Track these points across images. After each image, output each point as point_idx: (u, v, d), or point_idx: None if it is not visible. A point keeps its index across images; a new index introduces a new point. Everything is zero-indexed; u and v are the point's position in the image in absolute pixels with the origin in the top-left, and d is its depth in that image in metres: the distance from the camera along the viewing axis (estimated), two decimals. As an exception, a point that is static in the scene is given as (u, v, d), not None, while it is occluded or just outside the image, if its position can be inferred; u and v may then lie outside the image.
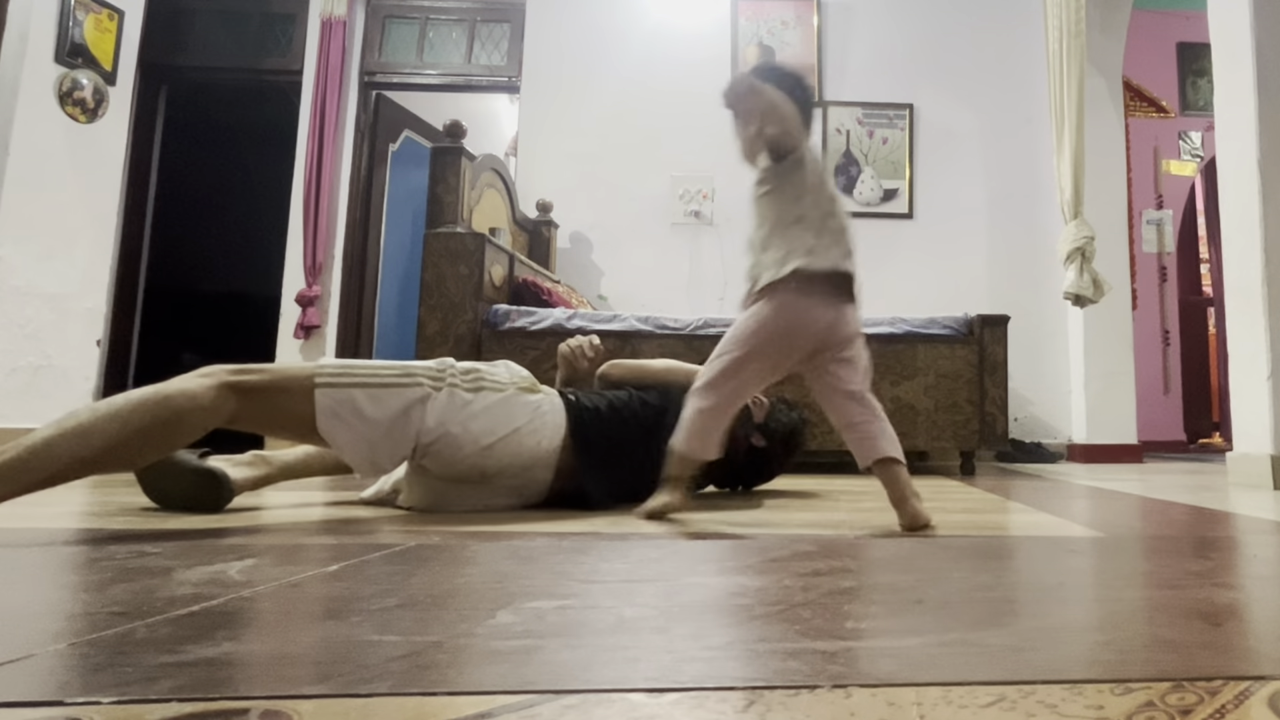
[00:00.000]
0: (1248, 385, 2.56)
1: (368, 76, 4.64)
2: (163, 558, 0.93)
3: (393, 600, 0.73)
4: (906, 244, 4.49)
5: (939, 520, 1.57)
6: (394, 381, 1.42)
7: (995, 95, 4.64)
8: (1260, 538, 1.32)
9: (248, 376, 1.33)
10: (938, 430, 3.16)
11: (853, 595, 0.79)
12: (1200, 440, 5.77)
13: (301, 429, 1.39)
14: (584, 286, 4.35)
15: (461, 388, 1.48)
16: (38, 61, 3.42)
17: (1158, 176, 5.68)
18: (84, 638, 0.59)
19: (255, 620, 0.70)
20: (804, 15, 4.69)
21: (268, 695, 0.47)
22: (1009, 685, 0.50)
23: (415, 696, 0.47)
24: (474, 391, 1.49)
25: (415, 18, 4.71)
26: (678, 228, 4.58)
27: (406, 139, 4.83)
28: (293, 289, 4.34)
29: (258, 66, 4.62)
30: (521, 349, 3.03)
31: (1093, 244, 3.69)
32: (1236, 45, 2.66)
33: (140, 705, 0.45)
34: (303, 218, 4.36)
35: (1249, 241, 2.57)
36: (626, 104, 4.60)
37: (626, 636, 0.62)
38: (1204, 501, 1.95)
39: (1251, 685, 0.50)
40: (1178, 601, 0.77)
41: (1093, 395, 4.24)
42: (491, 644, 0.59)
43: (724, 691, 0.48)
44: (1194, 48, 5.58)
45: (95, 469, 1.21)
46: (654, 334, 3.12)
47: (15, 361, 3.32)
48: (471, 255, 2.99)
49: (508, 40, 4.70)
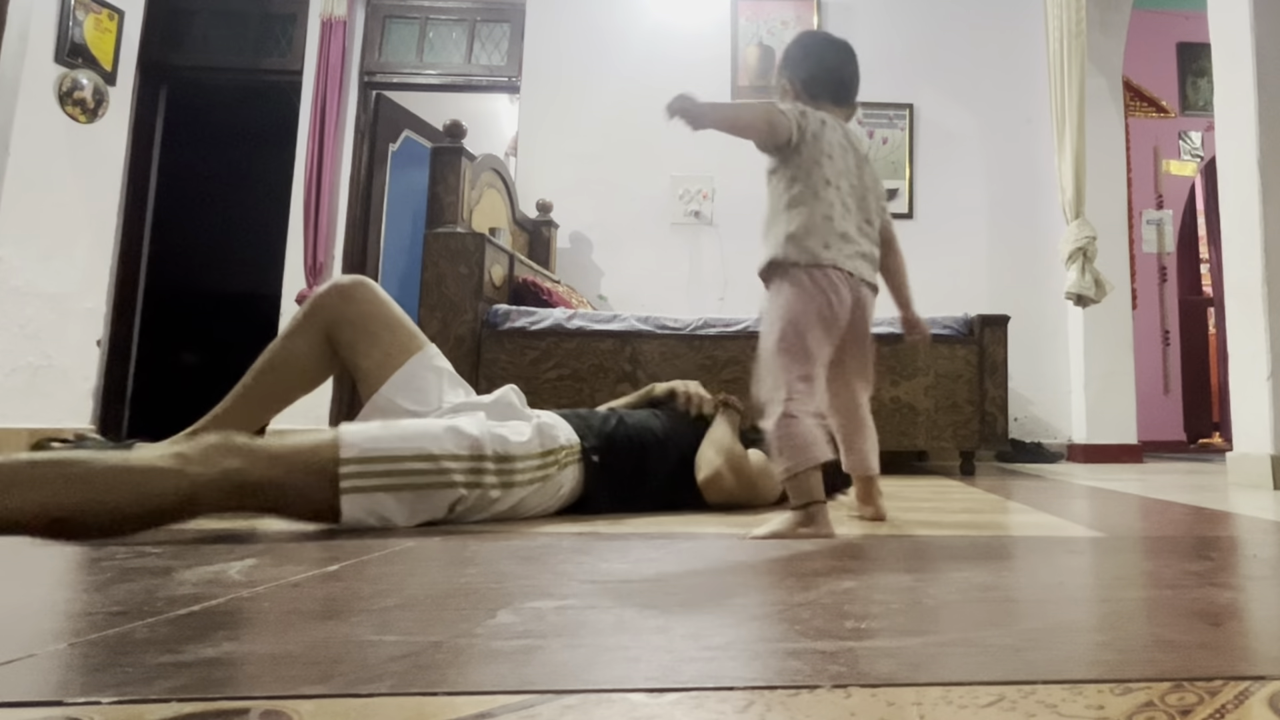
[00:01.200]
0: (1248, 385, 2.56)
1: (368, 76, 4.64)
2: (163, 558, 0.93)
3: (393, 600, 0.73)
4: (906, 244, 4.38)
5: (939, 520, 1.57)
6: (425, 482, 1.28)
7: (995, 95, 4.64)
8: (1260, 538, 1.32)
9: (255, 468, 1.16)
10: (938, 430, 3.16)
11: (853, 595, 0.79)
12: (1200, 440, 5.77)
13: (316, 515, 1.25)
14: (584, 286, 4.35)
15: (493, 487, 1.37)
16: (38, 61, 3.42)
17: (1158, 176, 5.68)
18: (84, 638, 0.59)
19: (255, 620, 0.70)
20: (804, 15, 4.69)
21: (268, 695, 0.47)
22: (1009, 685, 0.50)
23: (415, 696, 0.47)
24: (504, 489, 1.38)
25: (415, 18, 4.71)
26: (678, 228, 4.58)
27: (406, 139, 4.83)
28: (293, 289, 4.34)
29: (258, 66, 4.62)
30: (521, 349, 3.03)
31: (1095, 244, 3.70)
32: (1236, 45, 2.66)
33: (140, 705, 0.45)
34: (303, 218, 4.36)
35: (1249, 241, 2.57)
36: (626, 104, 4.60)
37: (626, 636, 0.62)
38: (1204, 501, 1.95)
39: (1251, 685, 0.50)
40: (1178, 601, 0.77)
41: (1093, 395, 4.24)
42: (491, 644, 0.59)
43: (724, 691, 0.48)
44: (1194, 48, 5.58)
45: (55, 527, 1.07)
46: (654, 334, 3.12)
47: (15, 361, 3.32)
48: (471, 255, 2.99)
49: (508, 40, 4.70)
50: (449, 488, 1.30)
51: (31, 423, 3.32)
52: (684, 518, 1.49)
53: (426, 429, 1.33)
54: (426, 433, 1.31)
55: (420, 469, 1.27)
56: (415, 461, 1.27)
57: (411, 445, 1.28)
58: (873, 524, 1.46)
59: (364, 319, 1.51)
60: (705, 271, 4.54)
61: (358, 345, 1.51)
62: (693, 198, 4.58)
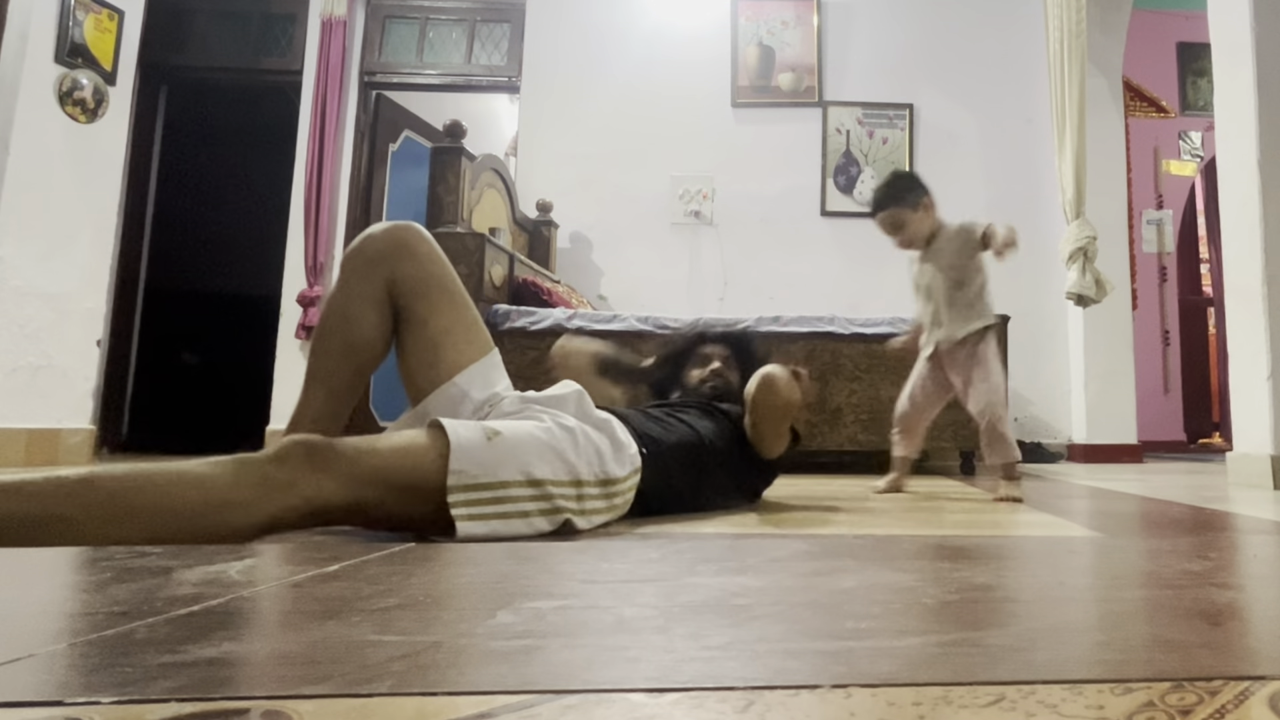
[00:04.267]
0: (1248, 385, 2.56)
1: (368, 76, 4.64)
2: (163, 558, 0.93)
3: (393, 600, 0.73)
4: None
5: (940, 520, 1.57)
6: (536, 509, 1.20)
7: (995, 95, 4.64)
8: (1260, 538, 1.32)
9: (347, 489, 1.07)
10: (938, 430, 3.15)
11: (853, 595, 0.79)
12: (1200, 440, 5.77)
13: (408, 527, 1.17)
14: (584, 286, 4.35)
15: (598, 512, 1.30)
16: (38, 61, 3.42)
17: (1158, 176, 5.68)
18: (84, 638, 0.59)
19: (255, 620, 0.70)
20: (804, 15, 4.69)
21: (268, 695, 0.47)
22: (1009, 685, 0.50)
23: (415, 696, 0.47)
24: (609, 509, 1.33)
25: (415, 18, 4.71)
26: (678, 228, 4.58)
27: (406, 139, 4.83)
28: (293, 289, 4.34)
29: (258, 66, 4.62)
30: (521, 349, 3.03)
31: (1095, 244, 3.70)
32: (1236, 45, 2.66)
33: (140, 705, 0.45)
34: (303, 218, 4.36)
35: (1249, 241, 2.57)
36: (626, 104, 4.60)
37: (626, 636, 0.62)
38: (1204, 501, 1.95)
39: (1251, 685, 0.50)
40: (1178, 601, 0.77)
41: (1093, 395, 4.24)
42: (491, 644, 0.59)
43: (724, 692, 0.48)
44: (1194, 48, 5.58)
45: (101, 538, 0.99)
46: (654, 334, 3.12)
47: (15, 361, 3.31)
48: (471, 255, 2.99)
49: (508, 40, 4.70)
50: (555, 513, 1.22)
51: (31, 423, 3.32)
52: (685, 518, 1.49)
53: (527, 444, 1.22)
54: (529, 448, 1.22)
55: (528, 494, 1.20)
56: (523, 488, 1.19)
57: (518, 466, 1.19)
58: (875, 526, 1.47)
59: (430, 280, 1.38)
60: (705, 271, 4.54)
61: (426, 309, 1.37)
62: (693, 198, 4.58)
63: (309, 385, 1.37)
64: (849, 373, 3.19)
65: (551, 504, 1.22)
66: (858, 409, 3.19)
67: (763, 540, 1.25)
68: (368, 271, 1.35)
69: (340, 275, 1.39)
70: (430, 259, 1.40)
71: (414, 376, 1.39)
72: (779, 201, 4.57)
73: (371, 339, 1.36)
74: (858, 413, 3.19)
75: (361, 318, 1.35)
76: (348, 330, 1.35)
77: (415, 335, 1.38)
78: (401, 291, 1.36)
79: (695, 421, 1.65)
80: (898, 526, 1.45)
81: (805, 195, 4.60)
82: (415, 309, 1.37)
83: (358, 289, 1.35)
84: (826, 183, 4.61)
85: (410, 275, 1.37)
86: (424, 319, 1.37)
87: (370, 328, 1.35)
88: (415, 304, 1.37)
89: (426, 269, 1.39)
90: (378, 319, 1.36)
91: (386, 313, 1.37)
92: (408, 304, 1.37)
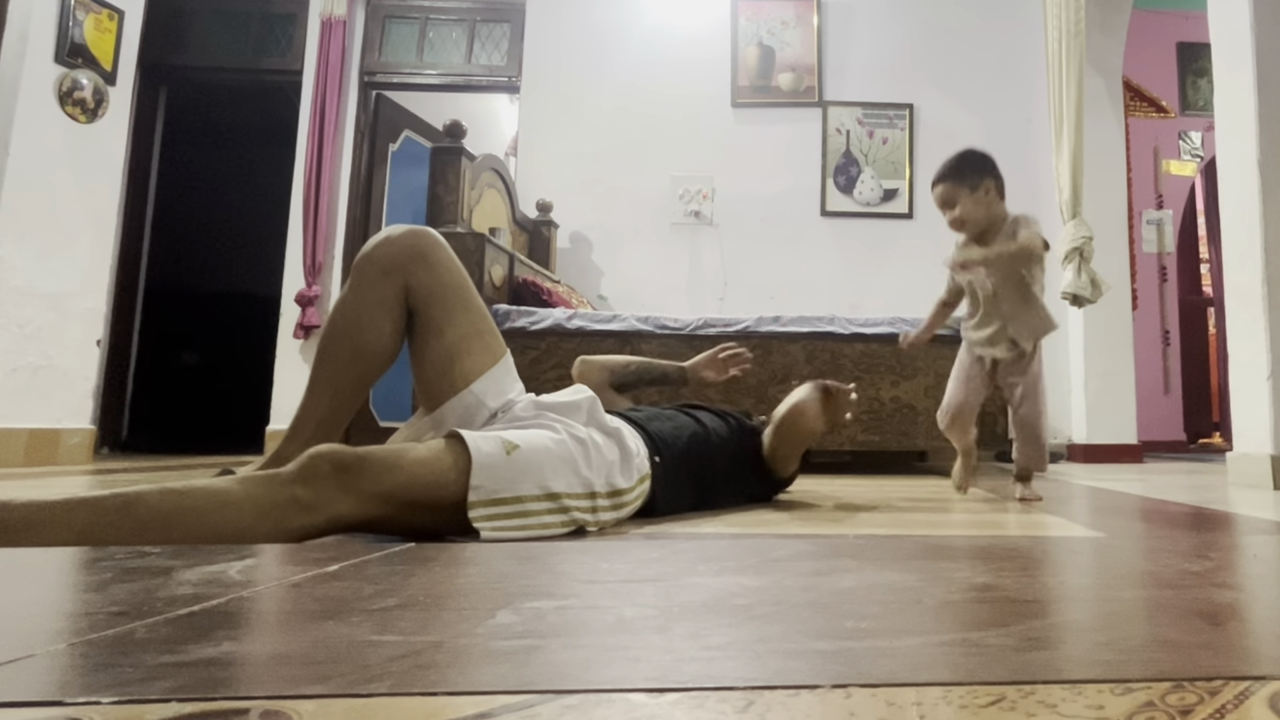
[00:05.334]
0: (1248, 385, 2.56)
1: (368, 76, 4.64)
2: (163, 558, 0.93)
3: (393, 600, 0.73)
4: (906, 244, 4.49)
5: (940, 520, 1.57)
6: (554, 520, 1.23)
7: (995, 95, 4.64)
8: (1260, 538, 1.32)
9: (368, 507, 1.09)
10: (938, 430, 3.15)
11: (853, 595, 0.79)
12: (1200, 440, 5.78)
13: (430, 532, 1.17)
14: (584, 286, 4.35)
15: (608, 518, 1.33)
16: (38, 61, 3.42)
17: (1158, 176, 5.68)
18: (84, 638, 0.59)
19: (255, 620, 0.70)
20: (804, 15, 4.69)
21: (268, 695, 0.47)
22: (1009, 685, 0.50)
23: (415, 696, 0.47)
24: (615, 514, 1.35)
25: (415, 18, 4.71)
26: (678, 228, 4.58)
27: (406, 139, 4.83)
28: (293, 289, 4.34)
29: (258, 66, 4.62)
30: (521, 349, 3.03)
31: (1091, 244, 3.69)
32: (1236, 45, 2.66)
33: (140, 705, 0.45)
34: (303, 218, 4.36)
35: (1249, 241, 2.57)
36: (626, 104, 4.60)
37: (626, 636, 0.62)
38: (1204, 501, 1.96)
39: (1251, 685, 0.50)
40: (1178, 601, 0.77)
41: (1093, 395, 4.23)
42: (491, 644, 0.59)
43: (724, 692, 0.48)
44: (1194, 48, 5.59)
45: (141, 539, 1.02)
46: (654, 334, 3.12)
47: (15, 361, 3.31)
48: (471, 255, 2.99)
49: (508, 40, 4.70)
50: (572, 523, 1.25)
51: (31, 423, 3.32)
52: (685, 518, 1.49)
53: (544, 457, 1.23)
54: (546, 461, 1.23)
55: (546, 507, 1.22)
56: (540, 501, 1.21)
57: (535, 480, 1.21)
58: (875, 525, 1.47)
59: (446, 290, 1.36)
60: (705, 271, 4.54)
61: (442, 317, 1.35)
62: (693, 198, 4.58)
63: (313, 388, 1.36)
64: (849, 373, 3.18)
65: (568, 515, 1.24)
66: (857, 409, 3.18)
67: (763, 540, 1.25)
68: (381, 278, 1.33)
69: (351, 279, 1.36)
70: (447, 267, 1.38)
71: (428, 383, 1.37)
72: (779, 201, 4.57)
73: (382, 346, 1.34)
74: (857, 413, 3.18)
75: (373, 324, 1.33)
76: (358, 336, 1.33)
77: (431, 344, 1.36)
78: (417, 300, 1.34)
79: (707, 420, 1.67)
80: (898, 526, 1.45)
81: (805, 195, 4.60)
82: (431, 317, 1.35)
83: (370, 295, 1.33)
84: (826, 183, 4.61)
85: (427, 284, 1.34)
86: (440, 328, 1.35)
87: (382, 335, 1.34)
88: (431, 312, 1.35)
89: (443, 278, 1.37)
90: (390, 327, 1.34)
91: (399, 320, 1.35)
92: (423, 312, 1.35)
